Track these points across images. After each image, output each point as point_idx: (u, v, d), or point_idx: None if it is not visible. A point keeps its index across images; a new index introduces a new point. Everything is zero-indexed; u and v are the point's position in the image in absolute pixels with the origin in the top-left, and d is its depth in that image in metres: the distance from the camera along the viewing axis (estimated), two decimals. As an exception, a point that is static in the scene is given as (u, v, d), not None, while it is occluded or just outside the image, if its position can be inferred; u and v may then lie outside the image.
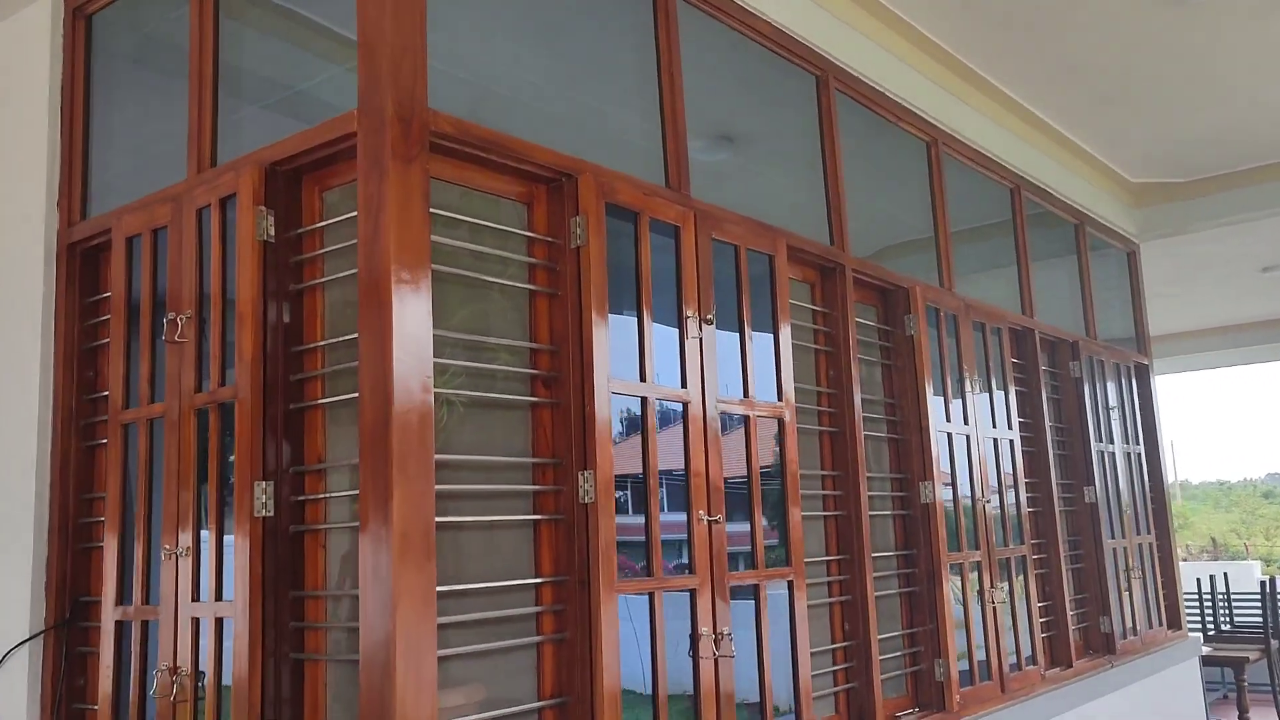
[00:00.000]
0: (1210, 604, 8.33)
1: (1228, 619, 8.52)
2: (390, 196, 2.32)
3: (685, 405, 3.00)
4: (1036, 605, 4.81)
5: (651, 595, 2.79)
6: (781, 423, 3.37)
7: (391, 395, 2.24)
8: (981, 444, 4.55)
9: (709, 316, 3.10)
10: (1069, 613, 5.18)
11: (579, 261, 2.76)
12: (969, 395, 4.53)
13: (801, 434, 3.66)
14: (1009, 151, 5.36)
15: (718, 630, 2.95)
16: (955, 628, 4.15)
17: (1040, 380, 5.34)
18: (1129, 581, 5.82)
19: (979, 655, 4.31)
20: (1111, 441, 5.95)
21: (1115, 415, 6.06)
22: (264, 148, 2.61)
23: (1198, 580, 8.11)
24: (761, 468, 3.35)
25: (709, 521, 2.98)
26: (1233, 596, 8.66)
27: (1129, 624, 5.74)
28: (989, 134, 5.17)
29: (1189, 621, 8.84)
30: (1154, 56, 4.92)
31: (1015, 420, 4.92)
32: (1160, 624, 6.17)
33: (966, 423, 4.48)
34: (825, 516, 3.75)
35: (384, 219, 2.31)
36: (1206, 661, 7.55)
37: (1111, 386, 6.11)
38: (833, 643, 3.68)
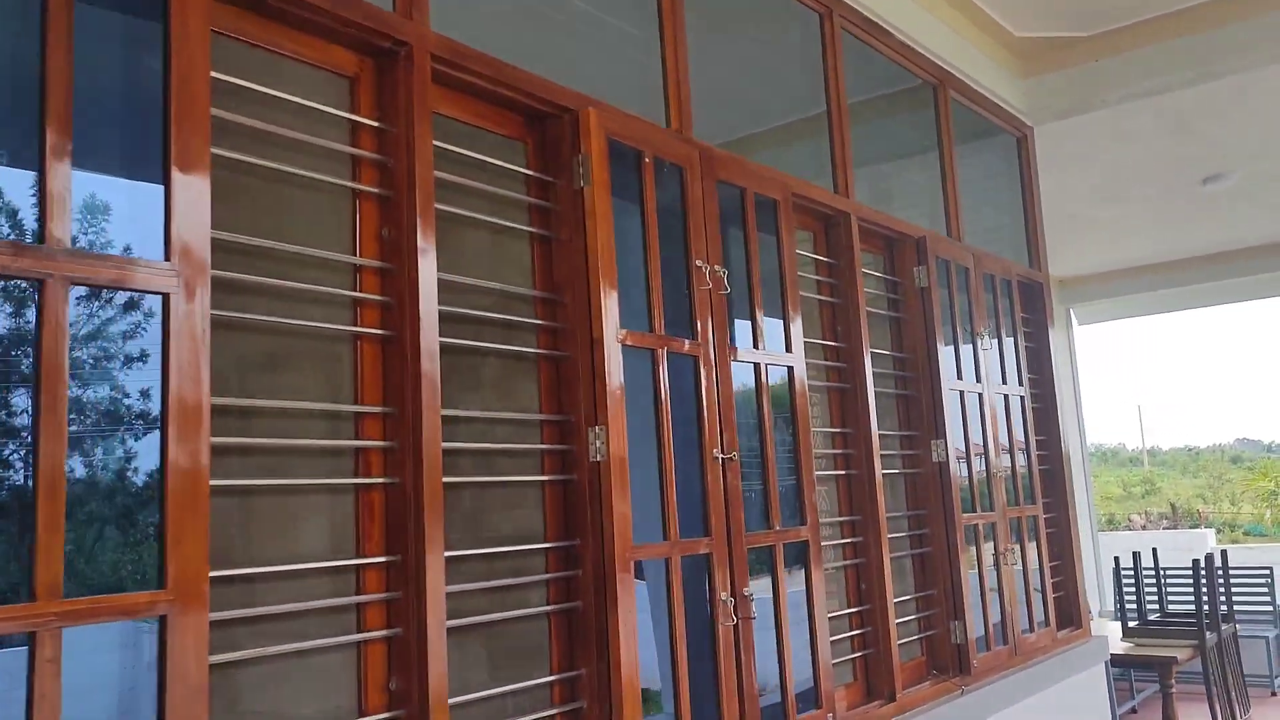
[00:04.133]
0: (1134, 586, 6.78)
1: (1157, 605, 6.99)
2: None
3: None
4: (823, 616, 3.19)
5: None
6: (167, 302, 1.70)
7: None
8: (718, 371, 2.90)
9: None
10: (893, 622, 3.57)
11: None
12: (703, 294, 2.88)
13: (230, 328, 2.01)
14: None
15: None
16: (651, 660, 2.53)
17: (857, 288, 3.71)
18: (999, 570, 4.24)
19: (731, 687, 2.69)
20: (979, 380, 4.34)
21: (987, 344, 4.45)
22: None
23: (1115, 559, 6.54)
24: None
25: None
26: (1166, 575, 7.10)
27: (996, 628, 4.15)
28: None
29: (1127, 604, 7.33)
30: None
31: (796, 342, 3.27)
32: (1048, 624, 4.59)
33: (695, 336, 2.83)
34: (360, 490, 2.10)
35: None
36: (1124, 663, 6.01)
37: (985, 307, 4.49)
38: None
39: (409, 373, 2.12)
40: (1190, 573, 6.09)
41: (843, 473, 3.61)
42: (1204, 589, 6.04)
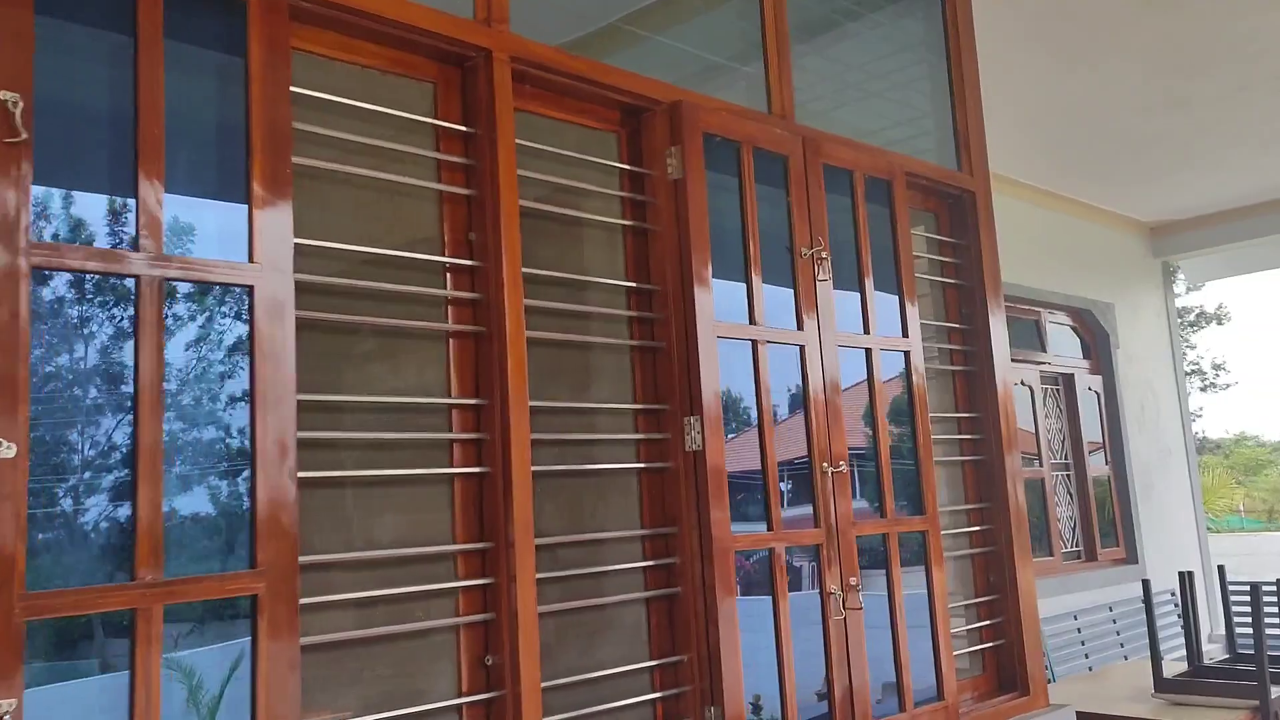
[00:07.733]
0: (1182, 614, 5.00)
1: (1227, 640, 5.17)
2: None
3: None
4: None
5: None
6: None
7: None
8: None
9: None
10: (532, 716, 2.13)
11: None
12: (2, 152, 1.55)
13: None
14: None
15: None
16: None
17: (497, 168, 2.27)
18: (826, 621, 2.72)
19: None
20: (801, 326, 2.83)
21: (825, 273, 2.92)
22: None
23: (1142, 584, 4.76)
24: None
25: None
26: (1233, 597, 5.27)
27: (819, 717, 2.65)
28: None
29: (1168, 638, 5.50)
30: None
31: (278, 246, 1.89)
32: (941, 697, 3.02)
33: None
34: None
35: None
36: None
37: (828, 218, 2.98)
38: None
39: None
40: (1249, 600, 4.32)
41: (472, 470, 2.20)
42: (1261, 626, 4.27)
